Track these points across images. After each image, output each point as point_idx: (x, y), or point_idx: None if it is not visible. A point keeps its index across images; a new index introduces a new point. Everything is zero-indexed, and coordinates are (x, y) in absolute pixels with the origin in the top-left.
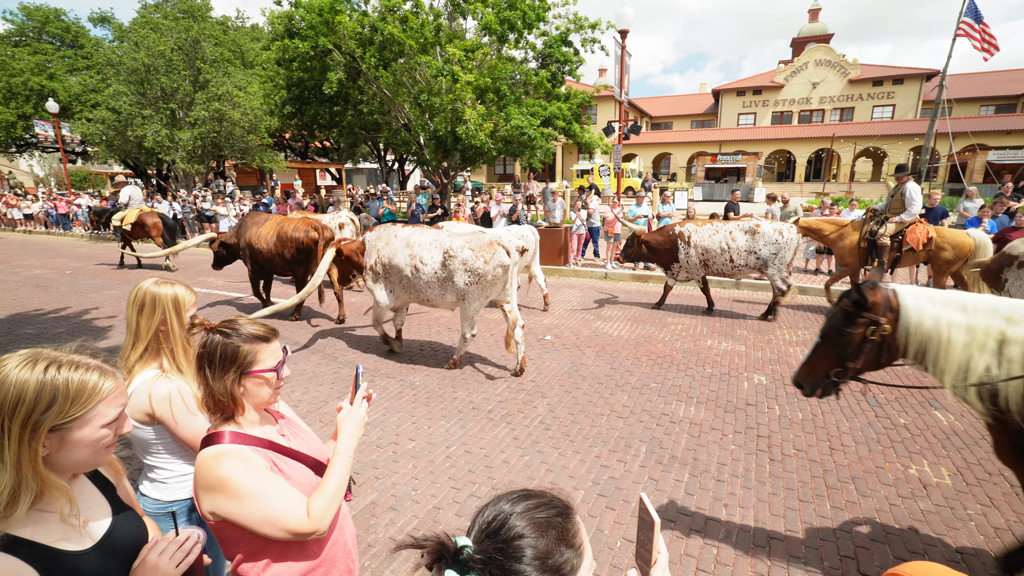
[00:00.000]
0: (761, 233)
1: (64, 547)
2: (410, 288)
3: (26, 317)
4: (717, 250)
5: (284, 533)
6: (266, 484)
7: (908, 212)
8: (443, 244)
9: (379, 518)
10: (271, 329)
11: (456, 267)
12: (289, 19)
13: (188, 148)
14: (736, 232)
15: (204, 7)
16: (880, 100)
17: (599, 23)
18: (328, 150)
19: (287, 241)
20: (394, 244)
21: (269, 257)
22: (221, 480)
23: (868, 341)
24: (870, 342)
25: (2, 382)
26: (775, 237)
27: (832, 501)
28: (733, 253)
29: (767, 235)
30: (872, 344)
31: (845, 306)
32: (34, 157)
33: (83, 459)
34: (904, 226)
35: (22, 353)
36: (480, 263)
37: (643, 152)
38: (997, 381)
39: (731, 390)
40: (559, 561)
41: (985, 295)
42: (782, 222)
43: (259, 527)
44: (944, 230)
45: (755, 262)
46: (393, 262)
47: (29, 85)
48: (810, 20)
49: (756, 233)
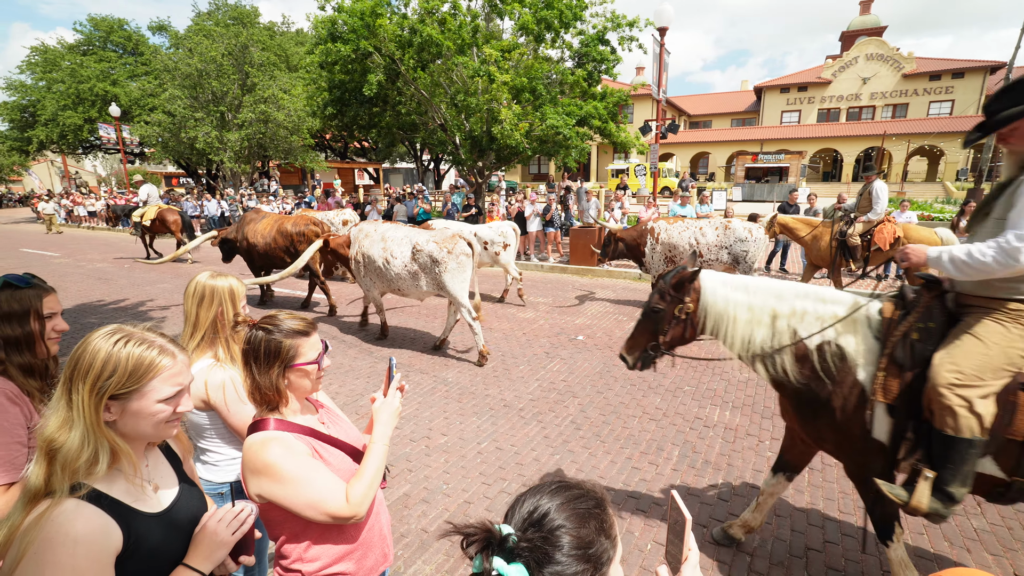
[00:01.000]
0: (732, 230)
1: (141, 508)
2: (383, 278)
3: (90, 307)
4: (685, 246)
5: (325, 516)
6: (308, 470)
7: (874, 211)
8: (412, 239)
9: (411, 509)
10: (310, 323)
11: (424, 260)
12: (332, 23)
13: (236, 149)
14: (707, 228)
15: (253, 13)
16: (937, 95)
17: (637, 21)
18: (366, 150)
19: (288, 235)
20: (372, 238)
21: (266, 251)
22: (267, 465)
23: (676, 318)
24: (678, 319)
25: (85, 348)
26: (744, 235)
27: None
28: (702, 248)
29: (737, 232)
30: (679, 321)
31: (660, 288)
32: (97, 158)
33: (144, 430)
34: (872, 225)
35: (110, 327)
36: (444, 253)
37: (680, 151)
38: (772, 351)
39: (769, 395)
40: (599, 551)
41: (763, 278)
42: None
43: (302, 510)
44: (912, 228)
45: (726, 258)
46: (370, 254)
47: (95, 91)
48: (861, 12)
49: (727, 229)
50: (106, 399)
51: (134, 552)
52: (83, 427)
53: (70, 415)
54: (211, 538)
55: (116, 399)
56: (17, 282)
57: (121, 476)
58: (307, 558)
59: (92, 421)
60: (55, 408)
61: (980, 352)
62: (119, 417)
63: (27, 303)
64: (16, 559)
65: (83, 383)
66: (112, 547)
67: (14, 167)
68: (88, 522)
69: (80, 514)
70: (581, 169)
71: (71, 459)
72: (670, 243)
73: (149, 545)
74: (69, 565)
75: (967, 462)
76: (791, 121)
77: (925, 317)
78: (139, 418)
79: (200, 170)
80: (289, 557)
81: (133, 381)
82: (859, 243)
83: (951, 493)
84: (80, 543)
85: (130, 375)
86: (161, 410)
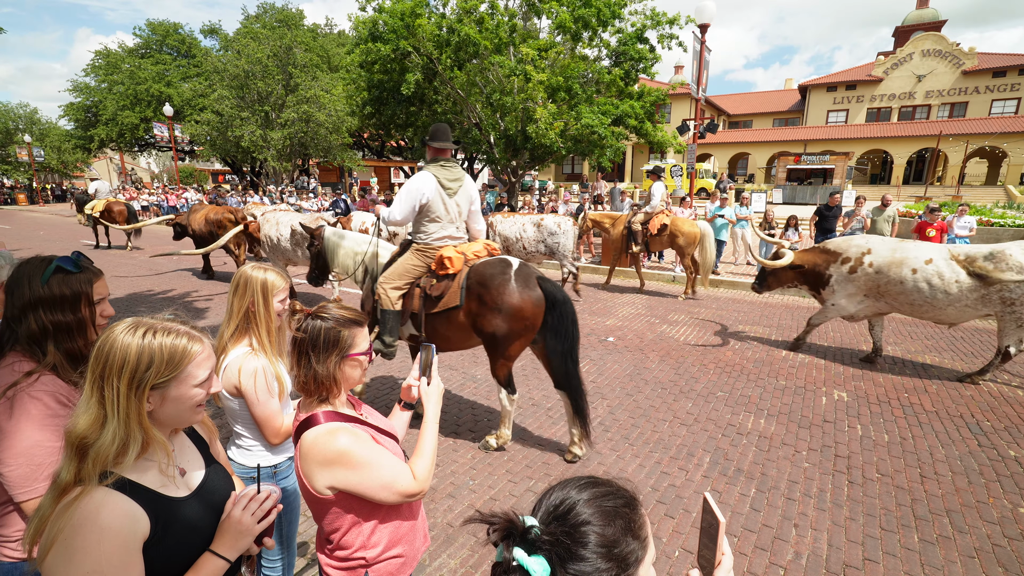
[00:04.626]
0: (544, 225)
1: (167, 492)
2: (277, 252)
3: (140, 297)
4: (513, 238)
5: (397, 496)
6: (377, 454)
7: (650, 205)
8: (293, 222)
9: (438, 504)
10: (362, 313)
11: (300, 239)
12: (373, 24)
13: (278, 147)
14: (527, 224)
15: (298, 16)
16: (1001, 93)
17: (678, 18)
18: (403, 149)
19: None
20: (272, 222)
21: (200, 233)
22: (340, 453)
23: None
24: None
25: (111, 346)
26: (555, 229)
27: (921, 533)
28: (525, 242)
29: (548, 227)
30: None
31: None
32: (151, 155)
33: (179, 415)
34: (649, 217)
35: (126, 321)
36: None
37: (719, 152)
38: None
39: (807, 405)
40: (625, 551)
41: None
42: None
43: (376, 493)
44: (679, 220)
45: (543, 249)
46: (269, 235)
47: (151, 92)
48: (918, 6)
49: (540, 225)
50: (148, 390)
51: (162, 537)
52: (117, 422)
53: (102, 411)
54: (236, 526)
55: (155, 389)
56: (68, 266)
57: (153, 466)
58: (370, 544)
59: (132, 414)
60: (85, 406)
61: (393, 267)
62: (157, 406)
63: (79, 288)
64: (47, 546)
65: (118, 378)
66: (139, 534)
67: (77, 164)
68: (114, 509)
69: (107, 502)
70: (615, 169)
71: (103, 454)
72: (504, 235)
73: (177, 529)
74: (96, 552)
75: (388, 323)
76: (838, 121)
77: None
78: (178, 403)
79: (244, 167)
80: (351, 547)
81: (171, 369)
82: (639, 229)
83: (384, 341)
84: (107, 530)
85: (167, 363)
86: (197, 394)
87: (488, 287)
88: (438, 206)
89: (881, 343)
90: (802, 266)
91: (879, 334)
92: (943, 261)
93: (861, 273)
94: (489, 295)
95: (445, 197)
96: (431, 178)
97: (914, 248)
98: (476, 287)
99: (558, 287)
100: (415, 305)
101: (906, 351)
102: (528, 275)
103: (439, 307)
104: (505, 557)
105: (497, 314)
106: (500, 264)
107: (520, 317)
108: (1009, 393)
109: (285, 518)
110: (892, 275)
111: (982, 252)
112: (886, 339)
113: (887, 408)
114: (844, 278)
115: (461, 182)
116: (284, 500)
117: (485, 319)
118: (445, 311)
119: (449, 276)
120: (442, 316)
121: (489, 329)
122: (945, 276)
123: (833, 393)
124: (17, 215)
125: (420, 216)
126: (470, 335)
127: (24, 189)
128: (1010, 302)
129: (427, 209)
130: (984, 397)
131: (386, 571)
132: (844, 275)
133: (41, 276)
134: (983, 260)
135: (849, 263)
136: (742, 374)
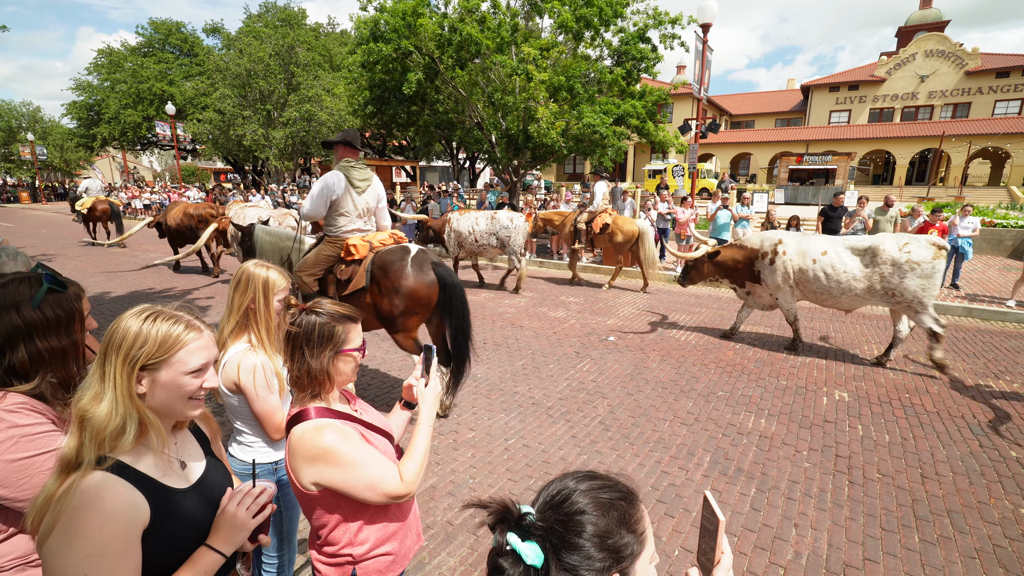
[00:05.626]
0: (497, 219)
1: (169, 483)
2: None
3: (142, 295)
4: (466, 233)
5: (383, 497)
6: (364, 452)
7: (593, 204)
8: (262, 215)
9: (438, 502)
10: (355, 309)
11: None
12: (375, 23)
13: (280, 146)
14: (480, 218)
15: (300, 15)
16: (1005, 94)
17: (680, 18)
18: (404, 148)
19: (191, 217)
20: (239, 216)
21: (178, 229)
22: (325, 450)
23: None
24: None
25: (118, 325)
26: (507, 223)
27: (921, 533)
28: (477, 235)
29: (501, 221)
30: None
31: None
32: (153, 154)
33: (171, 404)
34: (592, 216)
35: (142, 306)
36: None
37: (720, 152)
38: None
39: (807, 405)
40: (619, 543)
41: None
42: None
43: (360, 492)
44: (620, 218)
45: (495, 242)
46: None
47: (153, 90)
48: (921, 6)
49: (493, 219)
50: (137, 369)
51: (160, 528)
52: (112, 396)
53: (102, 387)
54: (231, 521)
55: (146, 370)
56: (56, 285)
57: (149, 452)
58: (357, 541)
59: (123, 390)
60: (89, 382)
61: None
62: (149, 390)
63: (70, 306)
64: (50, 527)
65: (116, 355)
66: (140, 522)
67: (80, 162)
68: (116, 495)
69: (109, 487)
70: (617, 169)
71: (99, 428)
72: (458, 230)
73: (175, 521)
74: (97, 536)
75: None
76: (840, 121)
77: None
78: (168, 390)
79: (246, 166)
80: (338, 543)
81: (162, 352)
82: (584, 227)
83: None
84: (108, 515)
85: (159, 346)
86: (188, 383)
87: (387, 271)
88: (347, 202)
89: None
90: (722, 260)
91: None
92: (834, 253)
93: (779, 263)
94: (388, 279)
95: (354, 194)
96: (341, 177)
97: (815, 240)
98: (378, 271)
99: (450, 271)
100: (331, 290)
101: (907, 351)
102: (423, 260)
103: (348, 289)
104: (499, 541)
105: (395, 295)
106: (400, 251)
107: (415, 297)
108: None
109: (285, 514)
110: (799, 265)
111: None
112: (884, 340)
113: (888, 408)
114: (768, 269)
115: (370, 181)
116: (284, 496)
117: (386, 299)
118: (354, 293)
119: (356, 261)
120: (352, 298)
121: (388, 308)
122: (836, 267)
123: (834, 393)
124: (19, 213)
125: (331, 211)
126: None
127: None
128: (891, 292)
129: (337, 204)
130: (984, 398)
131: (374, 568)
132: (767, 266)
133: (32, 300)
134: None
135: (768, 256)
136: (743, 374)
